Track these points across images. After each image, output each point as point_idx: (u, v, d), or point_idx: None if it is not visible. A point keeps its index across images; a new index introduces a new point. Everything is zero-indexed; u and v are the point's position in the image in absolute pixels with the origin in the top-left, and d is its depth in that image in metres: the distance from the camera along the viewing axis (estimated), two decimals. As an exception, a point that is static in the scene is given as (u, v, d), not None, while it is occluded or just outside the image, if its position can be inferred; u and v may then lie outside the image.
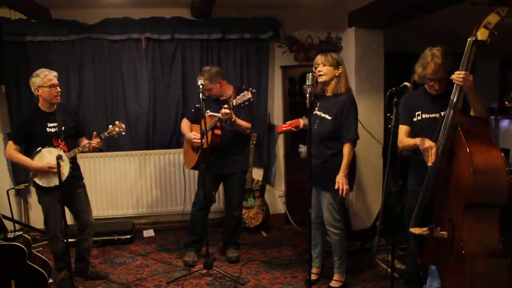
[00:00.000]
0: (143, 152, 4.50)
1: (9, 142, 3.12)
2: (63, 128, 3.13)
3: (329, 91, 3.03)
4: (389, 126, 2.46)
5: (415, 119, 2.63)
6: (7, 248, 2.78)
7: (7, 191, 4.10)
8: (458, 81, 2.23)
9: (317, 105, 3.10)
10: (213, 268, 3.42)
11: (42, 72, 3.06)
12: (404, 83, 2.39)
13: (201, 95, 3.20)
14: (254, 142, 4.41)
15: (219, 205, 4.61)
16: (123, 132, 3.26)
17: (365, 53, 4.16)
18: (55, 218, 3.12)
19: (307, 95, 2.61)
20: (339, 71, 2.97)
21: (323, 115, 3.02)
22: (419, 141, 2.44)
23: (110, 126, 3.24)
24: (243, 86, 4.11)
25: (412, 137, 2.60)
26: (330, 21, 4.53)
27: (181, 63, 4.46)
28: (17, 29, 4.09)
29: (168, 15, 4.40)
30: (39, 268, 2.86)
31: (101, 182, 4.43)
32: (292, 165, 4.73)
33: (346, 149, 2.92)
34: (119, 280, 3.39)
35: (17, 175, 4.25)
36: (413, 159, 2.69)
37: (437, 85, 2.50)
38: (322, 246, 3.30)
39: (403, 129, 2.66)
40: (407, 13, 3.61)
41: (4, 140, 4.18)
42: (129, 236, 4.19)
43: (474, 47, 2.20)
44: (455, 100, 2.29)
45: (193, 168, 3.69)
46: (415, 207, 2.49)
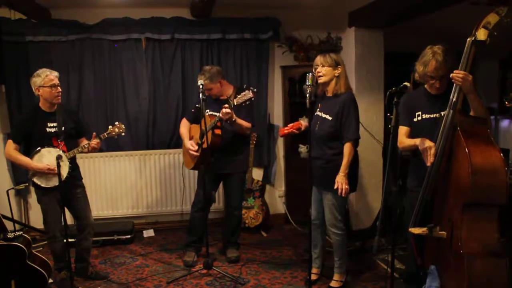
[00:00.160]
0: (143, 152, 4.50)
1: (9, 141, 3.12)
2: (63, 128, 3.13)
3: (329, 91, 3.03)
4: (389, 126, 2.45)
5: (415, 120, 2.63)
6: (7, 248, 2.78)
7: (7, 191, 4.09)
8: (457, 80, 2.22)
9: (318, 106, 3.10)
10: (213, 268, 3.42)
11: (43, 72, 3.06)
12: (404, 83, 2.39)
13: (201, 95, 3.20)
14: (254, 142, 4.41)
15: (219, 205, 4.62)
16: (123, 133, 3.26)
17: (365, 53, 4.16)
18: (54, 218, 3.12)
19: (307, 95, 2.61)
20: (339, 71, 2.97)
21: (324, 115, 3.02)
22: (419, 141, 2.44)
23: (110, 127, 3.24)
24: (244, 86, 4.11)
25: (412, 137, 2.60)
26: (330, 21, 4.53)
27: (181, 63, 4.46)
28: (17, 29, 4.09)
29: (168, 15, 4.40)
30: (39, 268, 2.86)
31: (101, 182, 4.43)
32: (292, 165, 4.73)
33: (346, 148, 2.91)
34: (119, 280, 3.39)
35: (17, 175, 4.25)
36: (413, 158, 2.69)
37: (438, 83, 2.49)
38: (322, 246, 3.30)
39: (403, 130, 2.66)
40: (407, 13, 3.61)
41: (4, 140, 4.18)
42: (129, 236, 4.19)
43: (473, 47, 2.20)
44: (454, 100, 2.29)
45: (193, 169, 3.69)
46: (415, 207, 2.49)
